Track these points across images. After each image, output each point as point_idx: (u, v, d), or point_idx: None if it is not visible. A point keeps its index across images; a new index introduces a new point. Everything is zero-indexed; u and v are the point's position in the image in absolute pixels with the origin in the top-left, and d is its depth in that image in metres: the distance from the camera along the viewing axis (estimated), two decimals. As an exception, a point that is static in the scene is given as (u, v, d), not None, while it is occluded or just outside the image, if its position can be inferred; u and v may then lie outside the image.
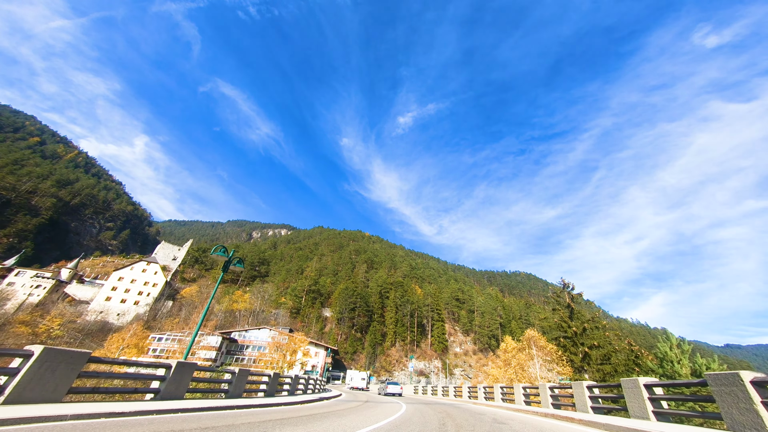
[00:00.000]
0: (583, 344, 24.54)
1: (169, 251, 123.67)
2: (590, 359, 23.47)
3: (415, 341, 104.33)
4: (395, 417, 9.71)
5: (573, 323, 25.82)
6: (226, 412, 7.90)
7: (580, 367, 23.72)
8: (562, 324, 26.16)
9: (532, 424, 8.89)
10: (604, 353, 23.86)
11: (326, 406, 13.31)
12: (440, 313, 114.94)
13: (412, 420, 9.16)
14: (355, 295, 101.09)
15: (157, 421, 5.73)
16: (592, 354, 23.26)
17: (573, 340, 25.02)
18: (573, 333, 24.86)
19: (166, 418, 6.10)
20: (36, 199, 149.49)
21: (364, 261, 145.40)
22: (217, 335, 66.16)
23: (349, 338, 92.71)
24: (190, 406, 7.52)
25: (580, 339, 24.99)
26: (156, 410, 6.55)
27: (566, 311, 27.17)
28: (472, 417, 10.94)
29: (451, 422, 9.05)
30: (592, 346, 23.24)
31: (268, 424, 6.46)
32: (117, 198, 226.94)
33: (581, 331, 25.03)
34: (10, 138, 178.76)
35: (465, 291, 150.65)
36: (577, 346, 24.95)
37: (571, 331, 24.95)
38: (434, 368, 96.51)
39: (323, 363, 72.31)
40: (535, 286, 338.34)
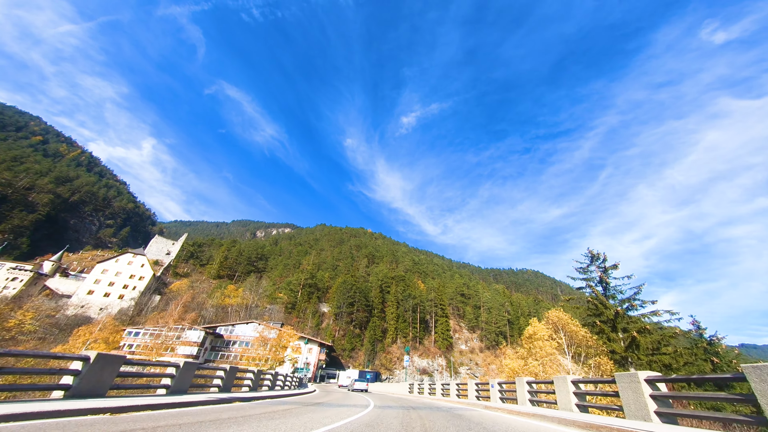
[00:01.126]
0: (626, 329, 18.20)
1: (162, 245, 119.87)
2: (637, 348, 17.11)
3: (418, 338, 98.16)
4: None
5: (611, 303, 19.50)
6: (156, 413, 6.76)
7: (624, 358, 17.34)
8: (597, 304, 19.80)
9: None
10: (656, 339, 17.48)
11: (286, 403, 12.03)
12: (444, 308, 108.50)
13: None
14: (354, 289, 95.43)
15: (63, 426, 4.62)
16: (641, 341, 16.89)
17: (613, 323, 18.65)
18: (613, 314, 18.49)
19: (72, 422, 4.96)
20: (33, 195, 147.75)
21: (364, 256, 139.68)
22: (200, 330, 61.11)
23: (347, 334, 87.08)
24: (109, 405, 6.32)
25: (622, 322, 18.62)
26: (65, 410, 5.44)
27: (598, 287, 20.78)
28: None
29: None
30: (641, 330, 16.85)
31: (204, 425, 5.46)
32: (118, 195, 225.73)
33: (623, 312, 18.67)
34: (12, 136, 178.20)
35: (470, 286, 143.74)
36: (617, 331, 18.59)
37: (609, 312, 18.60)
38: (438, 366, 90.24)
39: (316, 360, 66.78)
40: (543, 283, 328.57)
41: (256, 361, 54.94)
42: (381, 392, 37.25)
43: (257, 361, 54.61)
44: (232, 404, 9.73)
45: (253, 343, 56.32)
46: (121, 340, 55.35)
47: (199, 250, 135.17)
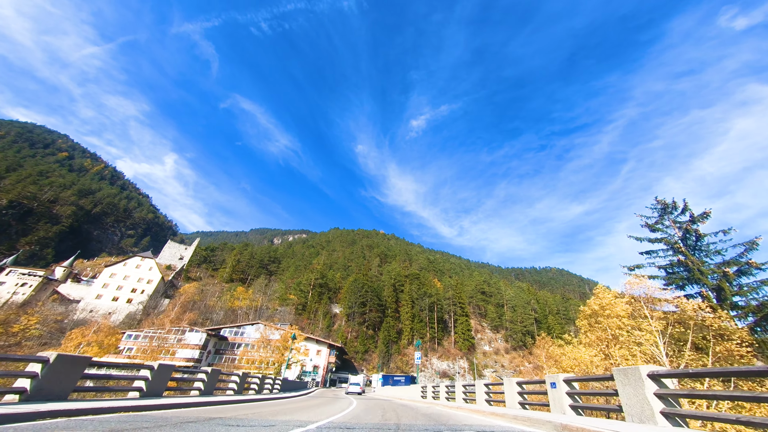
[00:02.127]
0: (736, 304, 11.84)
1: (175, 250, 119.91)
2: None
3: (436, 339, 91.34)
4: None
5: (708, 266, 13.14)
6: (121, 415, 6.54)
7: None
8: (684, 268, 13.44)
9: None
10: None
11: (265, 406, 11.62)
12: (464, 307, 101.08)
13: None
14: (365, 288, 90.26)
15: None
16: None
17: (718, 294, 12.29)
18: (718, 280, 12.14)
19: (22, 427, 4.54)
20: (57, 208, 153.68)
21: (376, 255, 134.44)
22: (202, 332, 57.72)
23: (360, 336, 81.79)
24: (68, 408, 6.01)
25: (732, 291, 12.22)
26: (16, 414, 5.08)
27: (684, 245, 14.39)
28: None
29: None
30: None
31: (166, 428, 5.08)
32: (138, 207, 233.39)
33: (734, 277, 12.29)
34: (40, 153, 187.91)
35: (491, 283, 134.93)
36: (724, 305, 12.22)
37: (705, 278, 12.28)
38: (459, 369, 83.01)
39: (326, 363, 61.82)
40: (569, 281, 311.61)
41: (257, 365, 50.68)
42: (383, 397, 31.80)
43: (259, 364, 50.32)
44: (206, 408, 9.37)
45: (255, 345, 52.02)
46: (118, 344, 52.35)
47: (212, 254, 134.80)
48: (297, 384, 40.32)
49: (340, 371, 69.71)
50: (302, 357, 61.60)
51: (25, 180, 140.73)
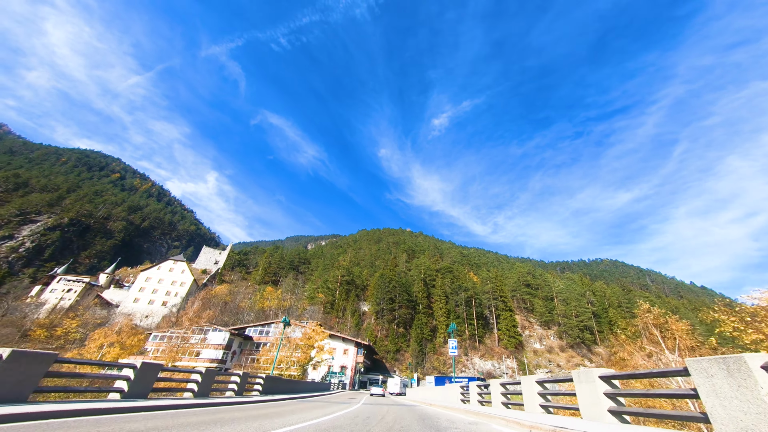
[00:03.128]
0: None
1: (210, 255, 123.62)
2: None
3: (477, 336, 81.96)
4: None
5: None
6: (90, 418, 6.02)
7: None
8: None
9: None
10: None
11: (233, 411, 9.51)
12: (506, 301, 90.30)
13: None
14: (392, 284, 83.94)
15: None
16: None
17: None
18: None
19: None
20: (110, 224, 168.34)
21: (403, 251, 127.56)
22: (225, 331, 55.35)
23: (390, 334, 75.49)
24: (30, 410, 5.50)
25: None
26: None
27: None
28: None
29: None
30: None
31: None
32: (182, 220, 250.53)
33: None
34: (96, 175, 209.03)
35: (537, 275, 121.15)
36: None
37: None
38: (507, 369, 73.03)
39: (353, 363, 56.36)
40: (626, 273, 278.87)
41: (277, 365, 46.45)
42: (407, 401, 25.34)
43: (278, 363, 46.03)
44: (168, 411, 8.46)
45: (275, 343, 47.87)
46: (142, 345, 50.79)
47: (245, 258, 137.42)
48: (313, 385, 35.11)
49: (370, 372, 63.92)
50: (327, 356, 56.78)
51: (83, 199, 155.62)
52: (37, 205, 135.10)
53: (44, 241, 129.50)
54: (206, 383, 12.41)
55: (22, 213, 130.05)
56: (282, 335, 38.11)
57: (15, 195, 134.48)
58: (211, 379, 12.81)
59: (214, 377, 13.18)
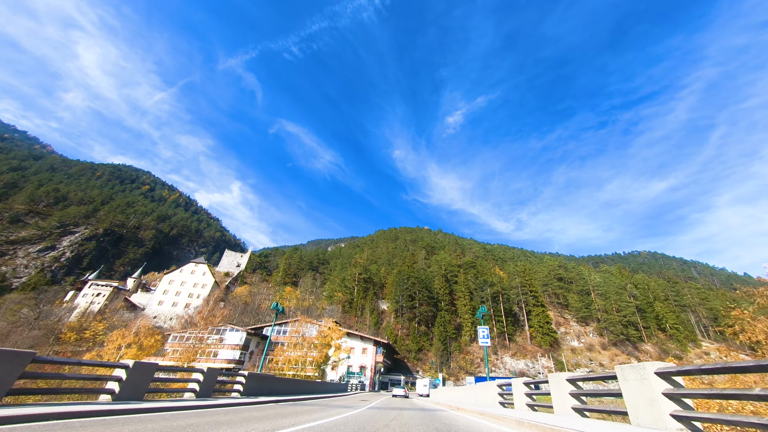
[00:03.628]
0: None
1: (233, 258, 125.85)
2: None
3: (506, 334, 76.05)
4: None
5: None
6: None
7: None
8: None
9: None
10: None
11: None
12: (537, 296, 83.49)
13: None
14: (411, 281, 79.97)
15: None
16: None
17: None
18: None
19: None
20: (141, 233, 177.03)
21: (422, 248, 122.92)
22: (242, 331, 54.10)
23: (412, 333, 71.53)
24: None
25: None
26: None
27: None
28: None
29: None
30: None
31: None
32: (208, 227, 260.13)
33: None
34: (128, 188, 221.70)
35: (569, 268, 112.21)
36: None
37: None
38: (542, 368, 66.78)
39: (373, 363, 53.08)
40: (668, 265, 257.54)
41: (292, 365, 44.15)
42: (427, 404, 21.69)
43: (294, 363, 43.69)
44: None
45: (290, 343, 45.60)
46: (160, 346, 50.20)
47: (266, 260, 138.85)
48: (325, 386, 32.19)
49: (391, 372, 60.35)
50: (344, 355, 53.99)
51: (115, 210, 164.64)
52: (75, 217, 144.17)
53: (82, 250, 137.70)
54: (208, 383, 11.48)
55: (62, 225, 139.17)
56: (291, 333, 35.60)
57: (56, 209, 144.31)
58: (212, 379, 11.67)
59: (215, 377, 11.94)
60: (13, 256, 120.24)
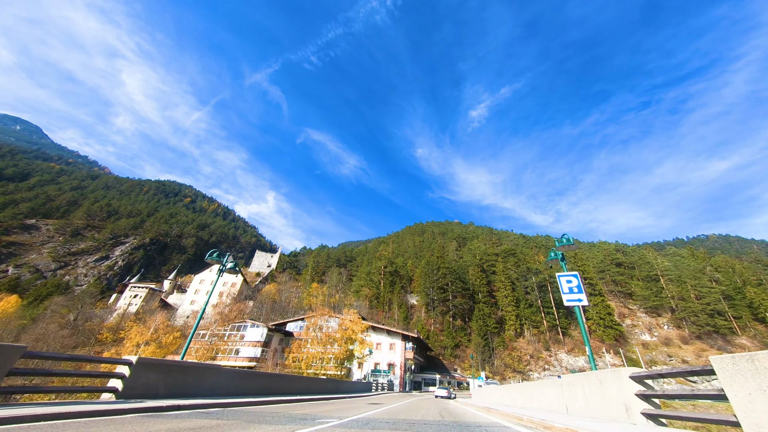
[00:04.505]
0: None
1: (263, 259, 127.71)
2: None
3: (559, 327, 65.67)
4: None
5: None
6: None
7: None
8: None
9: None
10: None
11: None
12: (594, 284, 71.68)
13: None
14: (442, 271, 72.64)
15: None
16: None
17: None
18: None
19: None
20: (183, 241, 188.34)
21: (453, 239, 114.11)
22: (262, 327, 51.15)
23: (446, 328, 64.26)
24: None
25: None
26: None
27: None
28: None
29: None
30: None
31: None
32: (244, 233, 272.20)
33: None
34: (172, 201, 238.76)
35: (629, 252, 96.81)
36: None
37: None
38: (604, 365, 55.85)
39: (402, 360, 47.04)
40: (747, 248, 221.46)
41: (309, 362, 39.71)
42: (476, 407, 15.24)
43: (310, 361, 39.28)
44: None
45: (307, 338, 41.35)
46: (180, 343, 48.41)
47: (295, 260, 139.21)
48: (338, 385, 26.94)
49: (425, 371, 53.73)
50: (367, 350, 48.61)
51: (159, 221, 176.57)
52: (124, 228, 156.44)
53: (132, 258, 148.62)
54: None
55: (114, 237, 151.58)
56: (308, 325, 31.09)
57: (108, 222, 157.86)
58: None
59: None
60: (75, 266, 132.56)
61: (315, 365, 39.12)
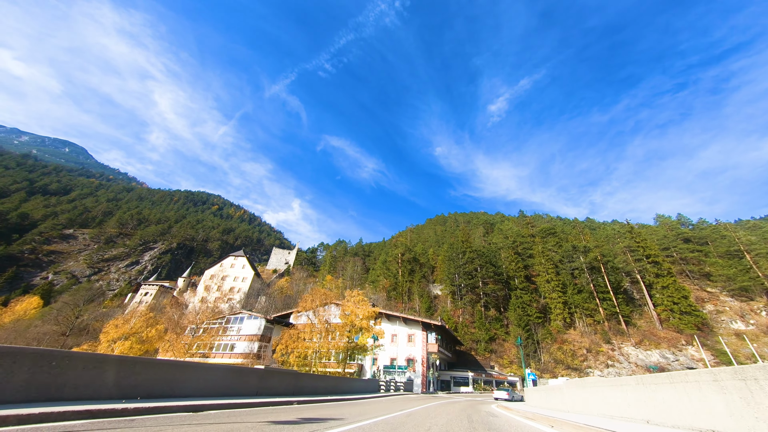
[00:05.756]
0: None
1: (281, 256, 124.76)
2: None
3: (618, 316, 53.28)
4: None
5: None
6: None
7: None
8: None
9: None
10: None
11: None
12: (659, 261, 58.16)
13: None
14: (469, 254, 62.77)
15: None
16: None
17: None
18: None
19: None
20: (209, 244, 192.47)
21: (479, 225, 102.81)
22: (260, 318, 45.10)
23: (478, 318, 54.38)
24: None
25: None
26: None
27: None
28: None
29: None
30: None
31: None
32: (268, 236, 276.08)
33: None
34: (200, 209, 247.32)
35: (698, 227, 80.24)
36: None
37: None
38: (690, 361, 43.35)
39: (425, 354, 38.35)
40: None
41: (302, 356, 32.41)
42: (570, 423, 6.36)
43: (304, 357, 32.00)
44: None
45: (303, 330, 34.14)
46: (175, 339, 43.09)
47: (312, 256, 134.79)
48: (337, 385, 19.31)
49: (455, 368, 44.46)
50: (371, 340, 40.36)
51: (186, 226, 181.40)
52: (153, 235, 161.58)
53: (160, 263, 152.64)
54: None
55: (144, 243, 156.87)
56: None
57: (139, 229, 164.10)
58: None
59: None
60: (108, 272, 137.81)
61: (310, 360, 31.62)
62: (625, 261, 62.30)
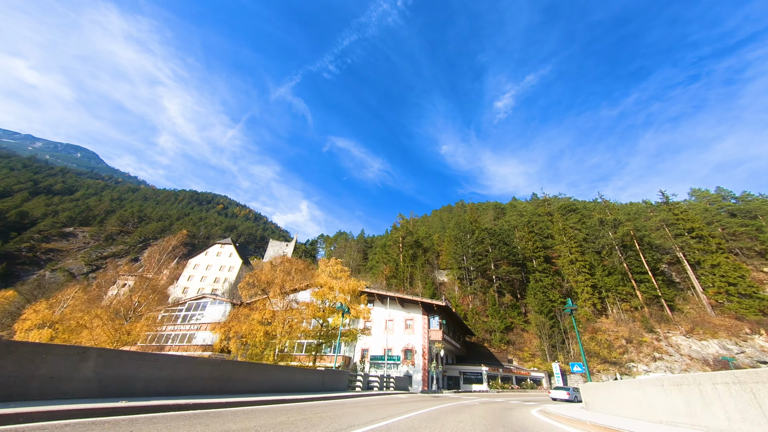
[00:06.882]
0: None
1: (278, 248, 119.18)
2: None
3: (660, 300, 44.46)
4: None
5: None
6: None
7: None
8: None
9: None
10: None
11: None
12: (705, 236, 48.97)
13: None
14: (478, 234, 54.82)
15: None
16: None
17: None
18: None
19: None
20: (211, 242, 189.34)
21: (490, 209, 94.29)
22: (225, 304, 38.52)
23: (491, 305, 46.44)
24: None
25: None
26: None
27: None
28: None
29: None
30: None
31: None
32: (272, 233, 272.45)
33: None
34: (205, 208, 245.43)
35: (743, 199, 69.85)
36: None
37: None
38: (755, 352, 34.49)
39: (426, 344, 30.82)
40: None
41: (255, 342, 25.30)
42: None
43: (260, 333, 24.86)
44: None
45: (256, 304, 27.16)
46: (144, 330, 36.01)
47: (312, 248, 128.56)
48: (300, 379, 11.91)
49: (465, 362, 36.86)
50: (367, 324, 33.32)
51: (187, 224, 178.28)
52: (153, 232, 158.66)
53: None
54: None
55: (143, 240, 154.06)
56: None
57: (140, 227, 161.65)
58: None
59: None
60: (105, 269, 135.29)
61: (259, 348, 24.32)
62: (662, 236, 53.20)
